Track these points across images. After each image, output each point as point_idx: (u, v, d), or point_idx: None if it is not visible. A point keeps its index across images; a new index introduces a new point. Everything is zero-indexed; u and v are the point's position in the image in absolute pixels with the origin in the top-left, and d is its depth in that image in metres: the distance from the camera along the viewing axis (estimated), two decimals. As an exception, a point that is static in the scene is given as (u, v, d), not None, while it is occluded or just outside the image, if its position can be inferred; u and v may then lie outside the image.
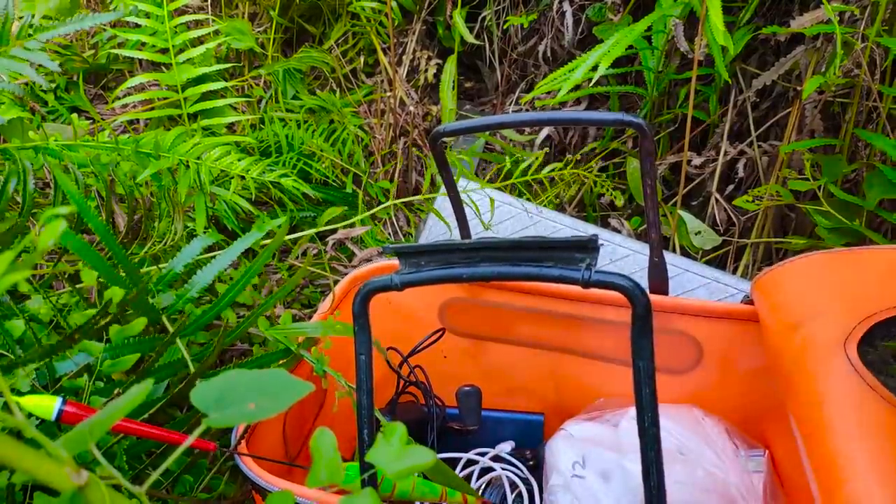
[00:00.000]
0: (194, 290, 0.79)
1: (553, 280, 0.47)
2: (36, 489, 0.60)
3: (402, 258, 0.52)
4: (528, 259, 0.48)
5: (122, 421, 0.53)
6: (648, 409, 0.46)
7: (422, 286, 0.51)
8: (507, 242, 0.48)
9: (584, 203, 1.50)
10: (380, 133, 1.52)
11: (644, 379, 0.45)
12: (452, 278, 0.50)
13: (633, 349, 0.46)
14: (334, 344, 0.84)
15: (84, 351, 0.70)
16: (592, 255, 0.47)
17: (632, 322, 0.45)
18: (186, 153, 1.03)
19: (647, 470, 0.46)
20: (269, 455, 0.73)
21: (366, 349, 0.52)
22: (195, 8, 1.59)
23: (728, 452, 0.73)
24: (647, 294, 0.45)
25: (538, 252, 0.47)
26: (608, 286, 0.45)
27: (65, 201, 0.85)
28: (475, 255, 0.49)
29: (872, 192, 1.03)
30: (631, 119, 0.66)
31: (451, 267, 0.50)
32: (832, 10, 0.97)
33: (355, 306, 0.52)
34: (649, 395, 0.46)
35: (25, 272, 0.27)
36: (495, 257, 0.49)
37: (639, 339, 0.45)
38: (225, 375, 0.34)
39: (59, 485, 0.27)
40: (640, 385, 0.46)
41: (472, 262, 0.49)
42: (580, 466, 0.74)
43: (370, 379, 0.52)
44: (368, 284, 0.52)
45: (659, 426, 0.46)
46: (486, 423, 0.87)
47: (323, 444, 0.40)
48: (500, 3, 1.64)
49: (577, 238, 0.46)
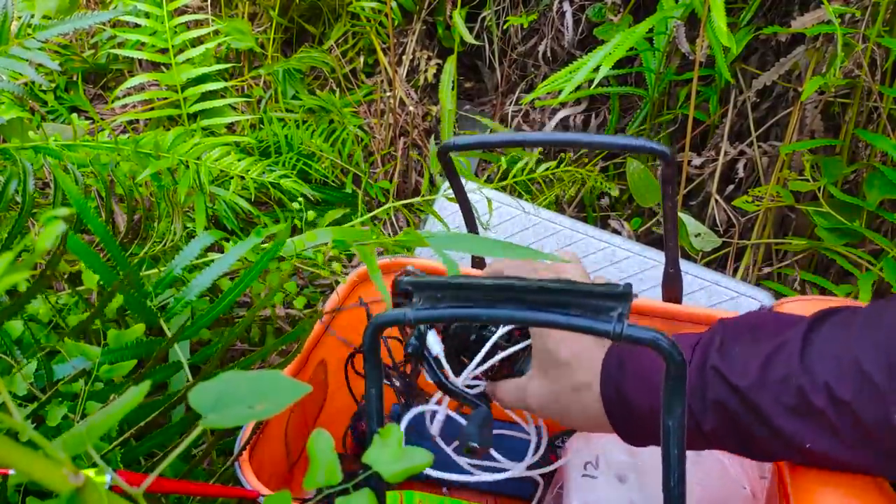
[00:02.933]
0: (193, 293, 0.79)
1: (581, 331, 0.44)
2: (28, 494, 0.60)
3: (417, 291, 0.49)
4: (554, 304, 0.45)
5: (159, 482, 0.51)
6: (675, 469, 0.44)
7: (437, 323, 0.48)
8: (533, 285, 0.45)
9: (584, 204, 1.50)
10: (379, 133, 1.52)
11: (673, 439, 0.44)
12: (470, 317, 0.47)
13: (663, 408, 0.44)
14: (337, 348, 0.84)
15: (82, 354, 0.70)
16: (625, 306, 0.43)
17: (664, 381, 0.43)
18: (186, 153, 1.03)
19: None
20: (271, 460, 0.73)
21: (377, 384, 0.49)
22: (195, 8, 1.59)
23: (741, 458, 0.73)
24: (683, 354, 0.42)
25: (566, 296, 0.44)
26: (641, 342, 0.42)
27: (65, 201, 0.85)
28: (498, 294, 0.46)
29: (873, 192, 1.03)
30: (655, 147, 0.67)
31: (471, 307, 0.46)
32: (833, 10, 0.97)
33: (366, 341, 0.48)
34: (676, 455, 0.44)
35: (25, 272, 0.27)
36: (519, 299, 0.45)
37: (671, 398, 0.43)
38: (223, 377, 0.34)
39: (57, 486, 0.27)
40: (669, 445, 0.44)
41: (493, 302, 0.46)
42: (592, 467, 0.74)
43: (381, 411, 0.49)
44: (379, 319, 0.48)
45: (685, 484, 0.45)
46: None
47: (320, 445, 0.40)
48: (500, 3, 1.64)
49: (609, 286, 0.44)
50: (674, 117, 1.43)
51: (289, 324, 1.09)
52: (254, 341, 1.06)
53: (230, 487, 0.60)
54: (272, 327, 1.09)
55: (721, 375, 0.52)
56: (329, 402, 0.88)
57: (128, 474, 0.47)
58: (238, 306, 1.11)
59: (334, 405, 0.89)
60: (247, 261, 0.85)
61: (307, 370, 0.80)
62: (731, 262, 1.29)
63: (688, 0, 1.13)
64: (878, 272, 1.02)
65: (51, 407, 0.65)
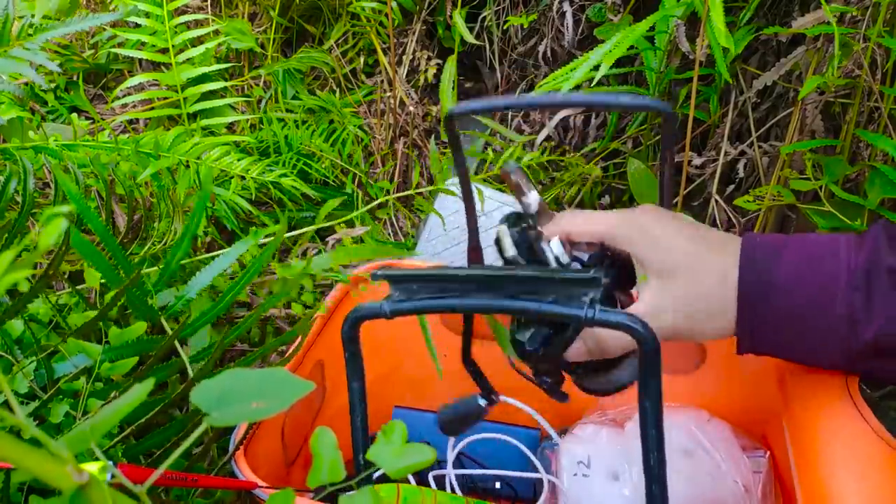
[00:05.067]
0: (192, 291, 0.79)
1: (553, 317, 0.45)
2: (32, 492, 0.60)
3: (393, 284, 0.50)
4: (527, 292, 0.46)
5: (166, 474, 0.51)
6: (654, 450, 0.44)
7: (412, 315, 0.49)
8: (506, 274, 0.46)
9: (584, 203, 1.50)
10: (379, 133, 1.52)
11: (650, 420, 0.44)
12: (445, 308, 0.48)
13: (640, 390, 0.44)
14: (334, 348, 0.84)
15: (83, 352, 0.70)
16: (596, 291, 0.44)
17: (639, 362, 0.43)
18: (186, 153, 1.03)
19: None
20: (267, 459, 0.73)
21: (358, 376, 0.50)
22: (195, 8, 1.58)
23: (734, 454, 0.73)
24: (656, 334, 0.43)
25: (538, 285, 0.45)
26: (613, 326, 0.43)
27: (65, 201, 0.85)
28: (471, 285, 0.47)
29: (874, 191, 1.03)
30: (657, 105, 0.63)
31: (445, 297, 0.48)
32: (832, 10, 0.97)
33: (344, 333, 0.50)
34: (655, 436, 0.44)
35: (25, 272, 0.27)
36: (493, 288, 0.46)
37: (647, 379, 0.43)
38: (225, 375, 0.34)
39: (61, 484, 0.27)
40: (647, 426, 0.44)
41: (467, 292, 0.47)
42: (585, 466, 0.74)
43: (363, 404, 0.50)
44: (357, 311, 0.50)
45: (665, 468, 0.45)
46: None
47: (323, 443, 0.40)
48: (500, 3, 1.64)
49: (580, 273, 0.44)
50: (674, 117, 1.42)
51: (288, 324, 1.09)
52: (254, 341, 1.06)
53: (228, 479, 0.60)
54: (272, 327, 1.08)
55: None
56: (327, 403, 0.88)
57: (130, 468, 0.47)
58: (237, 306, 1.11)
59: (333, 406, 0.89)
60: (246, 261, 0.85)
61: (304, 370, 0.80)
62: (731, 261, 1.28)
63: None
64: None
65: (52, 405, 0.65)
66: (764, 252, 0.52)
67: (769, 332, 0.52)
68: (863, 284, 0.48)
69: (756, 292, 0.51)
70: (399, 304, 0.49)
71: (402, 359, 0.94)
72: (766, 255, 0.52)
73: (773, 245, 0.53)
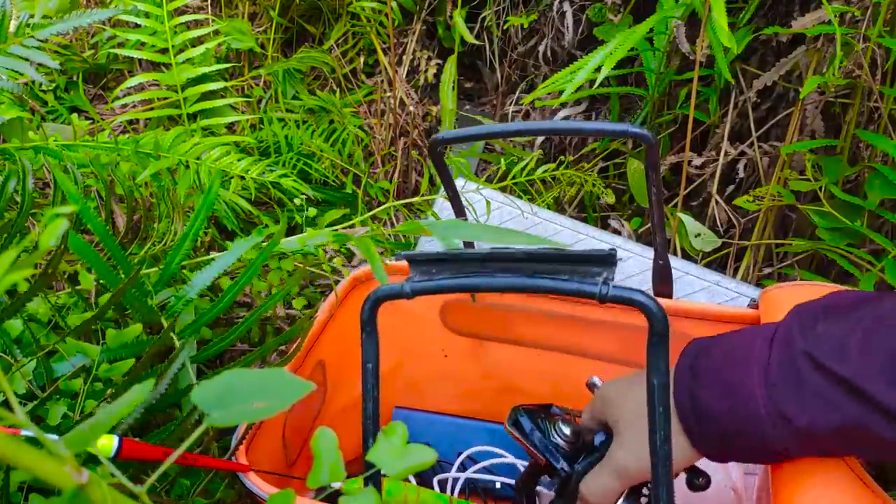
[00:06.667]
0: (193, 291, 0.79)
1: (569, 294, 0.45)
2: (32, 491, 0.60)
3: (413, 265, 0.51)
4: (543, 271, 0.46)
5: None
6: (661, 428, 0.44)
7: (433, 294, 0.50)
8: (522, 254, 0.47)
9: (585, 204, 1.50)
10: (380, 133, 1.51)
11: (657, 397, 0.44)
12: (465, 288, 0.48)
13: (648, 366, 0.44)
14: (335, 348, 0.84)
15: (81, 352, 0.70)
16: (610, 269, 0.45)
17: (648, 339, 0.44)
18: (186, 153, 1.03)
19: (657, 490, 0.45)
20: (269, 459, 0.73)
21: (373, 357, 0.50)
22: (195, 8, 1.58)
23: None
24: (665, 312, 0.44)
25: (554, 264, 0.46)
26: (626, 302, 0.44)
27: (64, 201, 0.85)
28: (489, 265, 0.48)
29: (874, 191, 1.03)
30: (636, 131, 0.64)
31: (464, 276, 0.48)
32: (833, 10, 0.97)
33: (364, 313, 0.50)
34: (662, 413, 0.44)
35: (25, 272, 0.27)
36: (510, 268, 0.47)
37: (654, 356, 0.44)
38: (226, 374, 0.34)
39: (61, 483, 0.27)
40: (654, 403, 0.44)
41: (485, 272, 0.48)
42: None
43: (376, 387, 0.50)
44: (378, 292, 0.50)
45: (671, 444, 0.45)
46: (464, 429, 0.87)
47: (324, 444, 0.40)
48: (500, 3, 1.64)
49: (595, 251, 0.45)
50: (674, 117, 1.42)
51: (288, 324, 1.09)
52: (254, 341, 1.06)
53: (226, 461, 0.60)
54: (272, 327, 1.08)
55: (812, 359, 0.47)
56: (328, 404, 0.88)
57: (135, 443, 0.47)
58: (238, 306, 1.11)
59: (334, 406, 0.88)
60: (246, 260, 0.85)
61: (305, 370, 0.79)
62: (731, 262, 1.29)
63: (688, 0, 1.13)
64: (879, 272, 1.02)
65: (50, 405, 0.65)
66: (682, 375, 0.54)
67: (723, 448, 0.53)
68: (779, 380, 0.49)
69: (692, 415, 0.53)
70: (420, 284, 0.49)
71: (402, 359, 0.94)
72: (686, 377, 0.54)
73: (691, 363, 0.54)
